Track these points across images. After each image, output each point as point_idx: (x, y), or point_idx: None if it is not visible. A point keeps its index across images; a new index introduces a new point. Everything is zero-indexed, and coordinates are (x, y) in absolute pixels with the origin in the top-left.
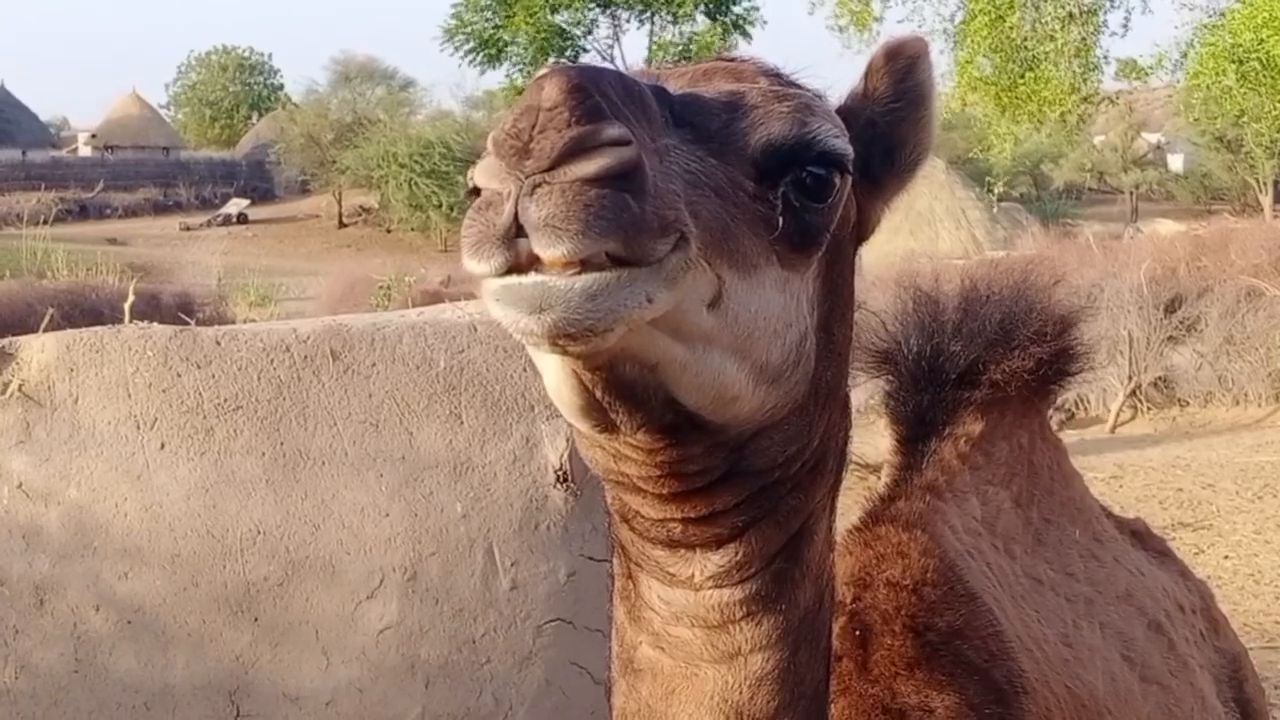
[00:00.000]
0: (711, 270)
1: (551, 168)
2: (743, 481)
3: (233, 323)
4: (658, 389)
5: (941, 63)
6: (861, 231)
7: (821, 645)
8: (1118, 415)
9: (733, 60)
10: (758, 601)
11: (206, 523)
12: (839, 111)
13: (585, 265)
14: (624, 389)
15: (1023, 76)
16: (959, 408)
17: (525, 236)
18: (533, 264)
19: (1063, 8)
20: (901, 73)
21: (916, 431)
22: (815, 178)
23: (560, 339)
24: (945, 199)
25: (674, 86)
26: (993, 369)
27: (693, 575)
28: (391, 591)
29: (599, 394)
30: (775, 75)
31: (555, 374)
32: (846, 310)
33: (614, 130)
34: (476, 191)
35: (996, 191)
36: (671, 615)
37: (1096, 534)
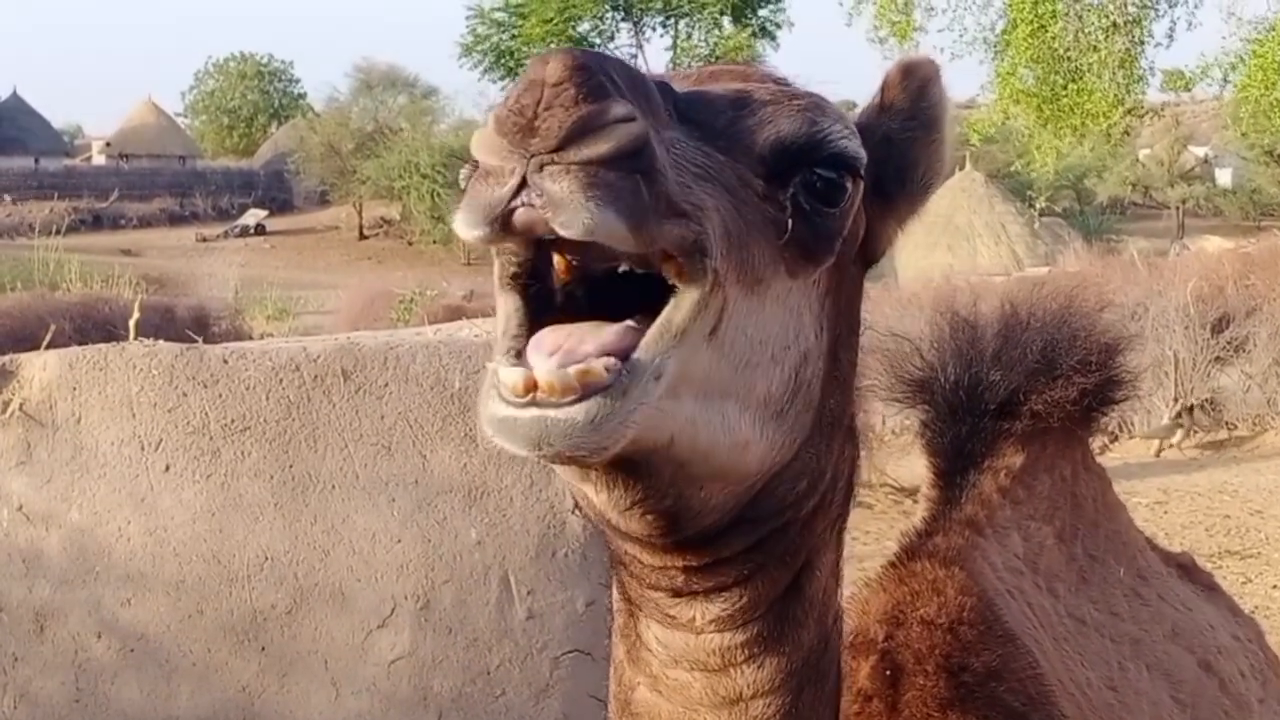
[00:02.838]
0: (722, 289)
1: (559, 148)
2: (749, 527)
3: (250, 337)
4: (661, 462)
5: (982, 73)
6: (870, 251)
7: (827, 688)
8: (1163, 438)
9: (741, 65)
10: (760, 644)
11: (212, 548)
12: (856, 125)
13: (584, 388)
14: (622, 469)
15: (1065, 88)
16: (999, 439)
17: (513, 225)
18: (530, 388)
19: (1106, 17)
20: (915, 93)
21: (954, 464)
22: (826, 181)
23: (559, 462)
24: (985, 213)
25: (679, 86)
26: (1034, 399)
27: (693, 618)
28: (403, 621)
29: (598, 476)
30: (785, 81)
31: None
32: (852, 335)
33: (621, 108)
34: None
35: (1038, 206)
36: (670, 658)
37: (1142, 569)
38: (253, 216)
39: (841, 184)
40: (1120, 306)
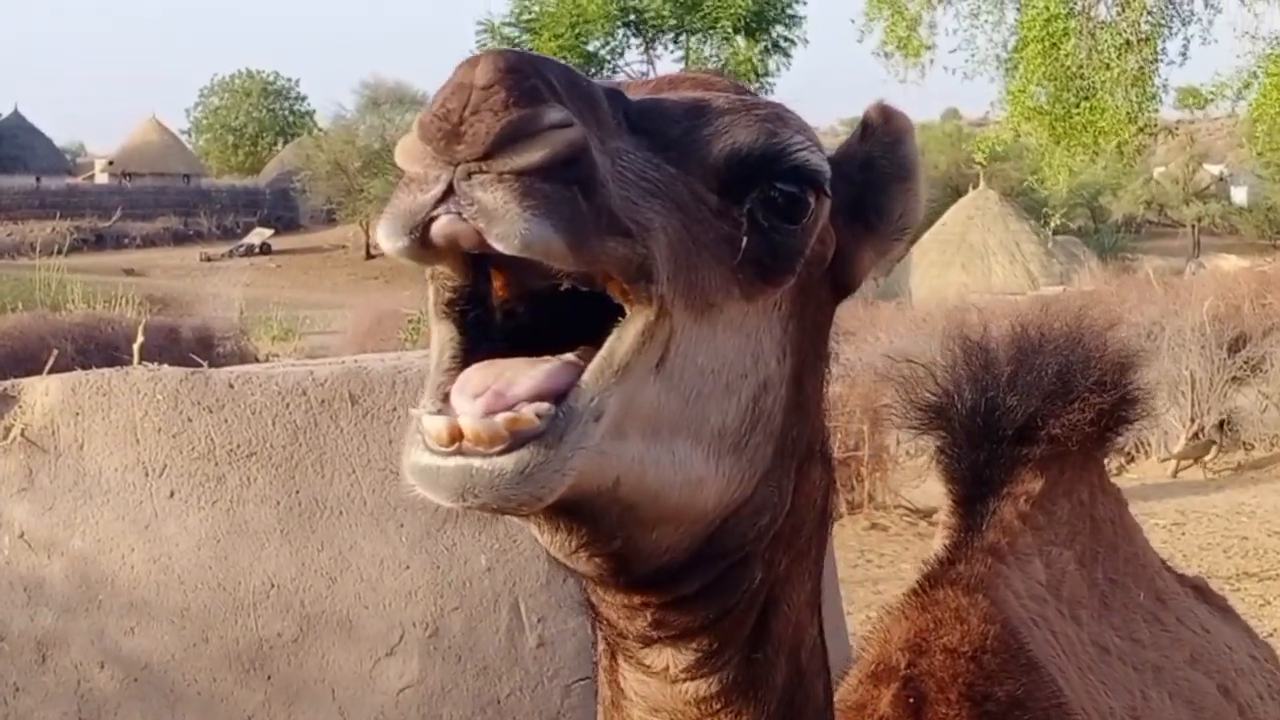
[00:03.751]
0: (669, 317)
1: (487, 155)
2: (708, 565)
3: (255, 358)
4: (602, 504)
5: (993, 91)
6: (843, 277)
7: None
8: (1179, 459)
9: (706, 74)
10: (735, 690)
11: (217, 575)
12: (836, 155)
13: (514, 436)
14: (568, 515)
15: (1078, 106)
16: (1017, 464)
17: (432, 236)
18: (455, 438)
19: (1119, 35)
20: (892, 142)
21: (973, 490)
22: (787, 196)
23: (492, 513)
24: (999, 232)
25: (634, 95)
26: (1052, 422)
27: (666, 667)
28: (412, 649)
29: (539, 520)
30: (747, 91)
31: None
32: (819, 361)
33: (556, 113)
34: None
35: (1052, 225)
36: (649, 708)
37: (1160, 593)
38: (258, 236)
39: (803, 199)
40: (1135, 325)
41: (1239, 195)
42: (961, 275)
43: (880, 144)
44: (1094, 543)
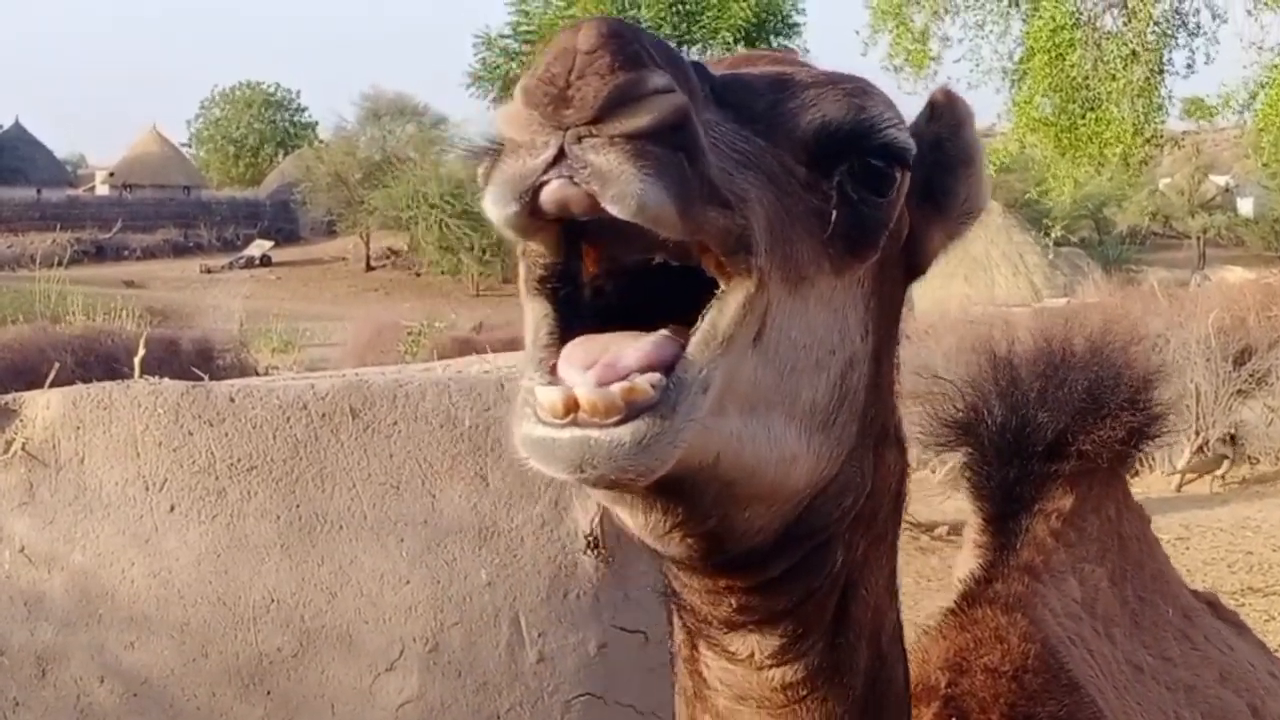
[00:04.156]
0: (766, 289)
1: (596, 119)
2: (794, 546)
3: (255, 370)
4: (702, 482)
5: (999, 103)
6: (914, 258)
7: (891, 700)
8: (1191, 473)
9: (776, 51)
10: (821, 675)
11: (218, 590)
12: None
13: (629, 407)
14: (667, 493)
15: (1083, 117)
16: (1047, 481)
17: (541, 203)
18: (570, 409)
19: (1126, 46)
20: (954, 126)
21: (1004, 508)
22: (874, 171)
23: (599, 486)
24: (1002, 244)
25: (714, 71)
26: (1082, 439)
27: (752, 654)
28: (412, 663)
29: (634, 499)
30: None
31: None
32: (894, 343)
33: (660, 78)
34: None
35: (1053, 235)
36: (735, 695)
37: (1187, 610)
38: (258, 247)
39: (889, 174)
40: (1141, 339)
41: (1245, 206)
42: (964, 287)
43: (947, 126)
44: (1122, 560)
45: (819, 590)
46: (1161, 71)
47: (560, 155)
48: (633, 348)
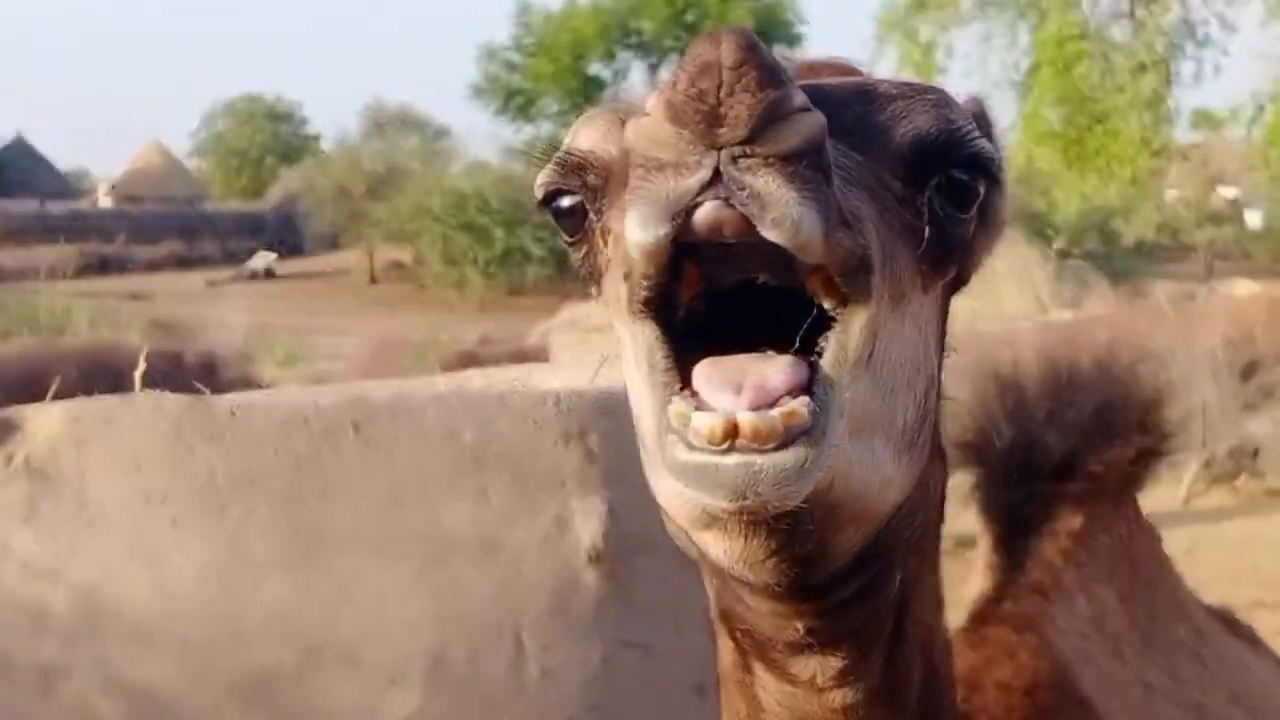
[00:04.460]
0: (881, 310)
1: (749, 139)
2: (869, 566)
3: (260, 383)
4: (818, 505)
5: (1006, 115)
6: (966, 270)
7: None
8: (1191, 486)
9: (838, 61)
10: (881, 695)
11: (220, 605)
12: None
13: (789, 431)
14: (777, 518)
15: (1091, 129)
16: (1056, 501)
17: (693, 224)
18: (729, 435)
19: (1134, 57)
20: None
21: (1014, 529)
22: (960, 184)
23: (746, 516)
24: (1008, 257)
25: None
26: (1091, 460)
27: (814, 676)
28: (415, 679)
29: (734, 524)
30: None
31: (683, 506)
32: (944, 348)
33: (800, 96)
34: (548, 201)
35: (1056, 247)
36: (794, 718)
37: (1198, 628)
38: (262, 260)
39: (975, 187)
40: (1148, 353)
41: (1253, 219)
42: (970, 302)
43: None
44: (1133, 579)
45: (882, 610)
46: (1169, 82)
47: (716, 175)
48: (773, 370)
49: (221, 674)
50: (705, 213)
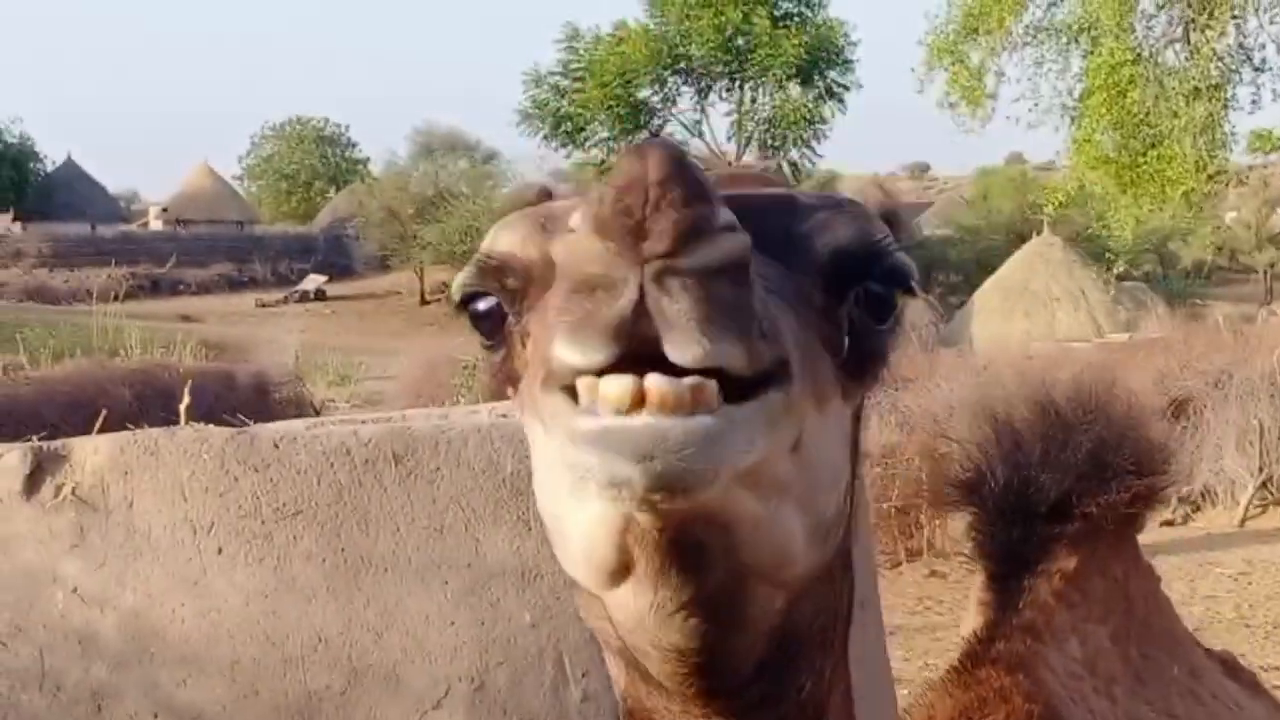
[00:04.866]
0: (800, 407)
1: (671, 253)
2: (774, 669)
3: (312, 403)
4: (723, 553)
5: (1058, 140)
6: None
7: None
8: (1247, 508)
9: (756, 171)
10: None
11: (266, 630)
12: None
13: (696, 405)
14: (684, 554)
15: (1145, 154)
16: (1051, 542)
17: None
18: (636, 404)
19: (1188, 82)
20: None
21: (1007, 568)
22: (877, 296)
23: (657, 493)
24: (1063, 279)
25: None
26: (1086, 501)
27: None
28: (458, 702)
29: (650, 560)
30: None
31: (595, 527)
32: (860, 458)
33: (726, 214)
34: (466, 303)
35: (1115, 270)
36: None
37: (1194, 668)
38: (312, 282)
39: (892, 300)
40: (1203, 373)
41: None
42: (1024, 323)
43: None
44: (1127, 619)
45: (790, 716)
46: (1225, 107)
47: (642, 294)
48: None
49: (268, 697)
50: (622, 387)
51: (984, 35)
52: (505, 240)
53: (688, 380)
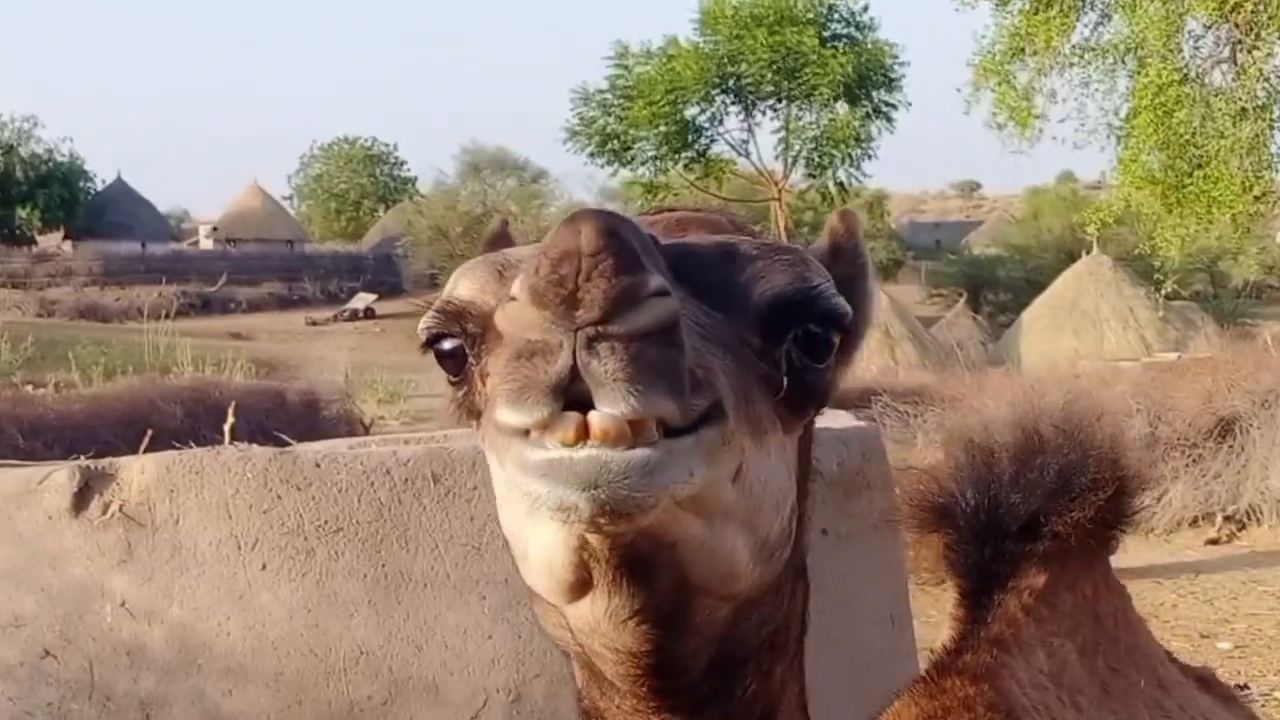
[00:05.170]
0: (737, 441)
1: (603, 320)
2: (722, 669)
3: (361, 421)
4: (669, 569)
5: (1104, 159)
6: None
7: None
8: None
9: (699, 210)
10: None
11: (309, 642)
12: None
13: (637, 437)
14: (634, 569)
15: (1191, 175)
16: (1021, 559)
17: (576, 390)
18: (580, 437)
19: (1235, 102)
20: (850, 242)
21: (979, 585)
22: (814, 337)
23: (603, 517)
24: (1112, 298)
25: (656, 235)
26: (1054, 520)
27: None
28: (496, 713)
29: (603, 573)
30: (754, 232)
31: (552, 548)
32: (808, 478)
33: (657, 280)
34: (431, 343)
35: (1165, 290)
36: None
37: (1162, 680)
38: (362, 300)
39: (829, 340)
40: (1251, 393)
41: None
42: (1073, 341)
43: (845, 250)
44: (1096, 634)
45: (736, 714)
46: (1272, 127)
47: (574, 357)
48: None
49: (311, 707)
50: (568, 422)
51: (1031, 56)
52: (465, 288)
53: (625, 411)
